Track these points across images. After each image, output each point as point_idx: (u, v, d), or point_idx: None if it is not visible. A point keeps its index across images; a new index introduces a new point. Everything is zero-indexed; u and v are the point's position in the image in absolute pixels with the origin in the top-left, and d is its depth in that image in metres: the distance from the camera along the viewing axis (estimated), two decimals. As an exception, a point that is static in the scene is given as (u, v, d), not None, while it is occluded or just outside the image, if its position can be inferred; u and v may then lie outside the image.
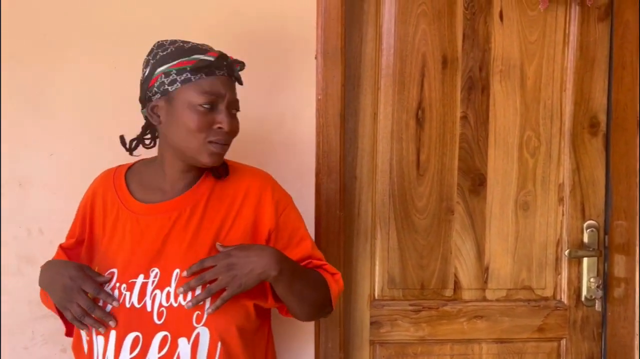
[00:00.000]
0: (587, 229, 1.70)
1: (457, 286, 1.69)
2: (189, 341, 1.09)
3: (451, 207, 1.68)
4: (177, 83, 1.11)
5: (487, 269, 1.70)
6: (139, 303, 1.10)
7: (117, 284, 1.12)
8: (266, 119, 1.52)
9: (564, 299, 1.71)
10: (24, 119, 1.49)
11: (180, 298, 1.09)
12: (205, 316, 1.10)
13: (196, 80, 1.11)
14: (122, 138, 1.26)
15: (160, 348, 1.09)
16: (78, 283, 1.09)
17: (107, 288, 1.13)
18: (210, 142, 1.12)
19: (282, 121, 1.54)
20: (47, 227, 1.49)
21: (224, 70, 1.14)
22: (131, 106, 1.49)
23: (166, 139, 1.16)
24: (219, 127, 1.12)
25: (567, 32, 1.67)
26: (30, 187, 1.49)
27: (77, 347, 1.21)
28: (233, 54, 1.21)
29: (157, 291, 1.11)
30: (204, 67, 1.11)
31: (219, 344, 1.11)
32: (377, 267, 1.67)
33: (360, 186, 1.66)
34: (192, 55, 1.12)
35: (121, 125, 1.49)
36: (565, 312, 1.71)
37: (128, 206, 1.18)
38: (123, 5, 1.49)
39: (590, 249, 1.69)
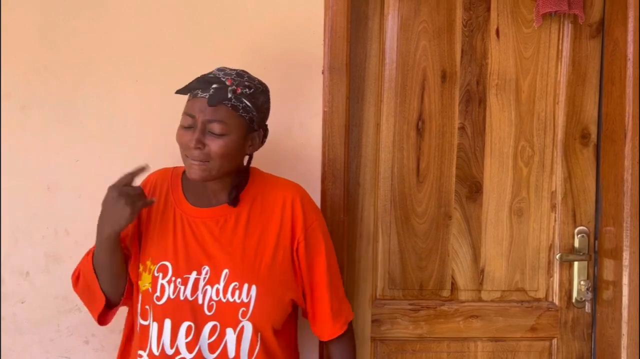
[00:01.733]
0: (577, 234, 1.78)
1: (454, 287, 1.78)
2: (234, 331, 1.24)
3: (449, 213, 1.77)
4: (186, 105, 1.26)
5: (482, 271, 1.78)
6: (191, 296, 1.24)
7: (173, 278, 1.24)
8: (276, 129, 1.61)
9: (556, 300, 1.79)
10: (52, 127, 1.59)
11: (229, 294, 1.23)
12: (249, 312, 1.24)
13: (187, 101, 1.25)
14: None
15: (211, 335, 1.24)
16: (117, 184, 1.21)
17: (164, 281, 1.24)
18: (186, 156, 1.22)
19: (291, 131, 1.64)
20: (73, 229, 1.59)
21: (206, 93, 1.20)
22: (150, 116, 1.61)
23: None
24: (189, 145, 1.21)
25: (560, 48, 1.76)
26: (57, 190, 1.60)
27: (130, 333, 1.35)
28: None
29: (208, 287, 1.24)
30: (185, 88, 1.23)
31: (259, 336, 1.27)
32: (378, 269, 1.76)
33: (363, 192, 1.75)
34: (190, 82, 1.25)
35: (141, 134, 1.62)
36: (557, 313, 1.79)
37: (181, 207, 1.29)
38: (144, 25, 1.60)
39: (581, 253, 1.77)
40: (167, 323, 1.24)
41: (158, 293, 1.24)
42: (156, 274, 1.25)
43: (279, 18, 1.61)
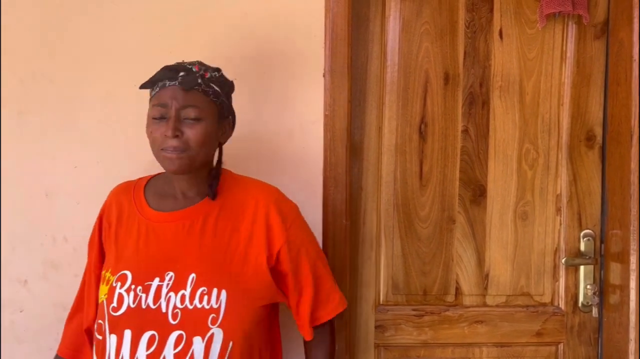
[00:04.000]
0: (583, 238, 1.76)
1: (458, 292, 1.76)
2: (203, 339, 1.16)
3: (453, 217, 1.75)
4: (151, 99, 1.24)
5: (487, 276, 1.76)
6: (154, 304, 1.17)
7: (133, 286, 1.18)
8: (277, 134, 1.60)
9: (562, 305, 1.77)
10: (51, 133, 1.57)
11: (197, 300, 1.16)
12: (220, 318, 1.17)
13: (153, 95, 1.22)
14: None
15: (176, 346, 1.16)
16: None
17: (122, 290, 1.19)
18: (162, 149, 1.19)
19: (292, 135, 1.62)
20: (71, 235, 1.57)
21: (175, 81, 1.18)
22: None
23: None
24: (165, 136, 1.18)
25: (564, 49, 1.74)
26: (56, 197, 1.58)
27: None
28: (247, 73, 1.29)
29: (172, 294, 1.17)
30: (149, 81, 1.21)
31: (230, 343, 1.18)
32: (381, 274, 1.74)
33: (365, 196, 1.73)
34: (157, 73, 1.22)
35: (140, 140, 1.59)
36: (563, 318, 1.77)
37: (144, 214, 1.26)
38: (143, 28, 1.58)
39: (587, 257, 1.75)
40: (127, 334, 1.16)
41: (115, 303, 1.18)
42: (114, 285, 1.20)
43: (279, 21, 1.59)
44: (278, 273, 1.27)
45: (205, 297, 1.17)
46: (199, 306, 1.17)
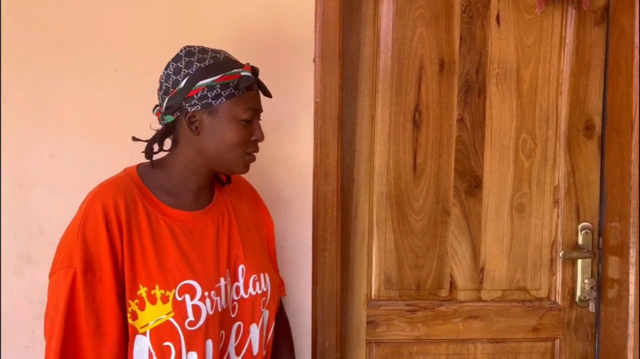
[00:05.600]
0: (581, 230, 1.72)
1: (452, 286, 1.71)
2: (258, 325, 1.20)
3: (447, 209, 1.69)
4: (222, 98, 1.10)
5: (482, 269, 1.71)
6: (225, 304, 1.15)
7: (206, 294, 1.10)
8: (265, 121, 1.51)
9: (559, 300, 1.73)
10: (25, 121, 1.50)
11: (250, 288, 1.18)
12: (268, 300, 1.22)
13: (239, 95, 1.11)
14: (135, 139, 1.20)
15: (236, 338, 1.18)
16: None
17: (196, 301, 1.09)
18: (247, 153, 1.16)
19: (280, 124, 1.56)
20: (47, 228, 1.50)
21: (257, 84, 1.16)
22: (130, 108, 1.52)
23: (199, 148, 1.13)
24: (255, 139, 1.15)
25: (563, 35, 1.69)
26: (31, 187, 1.51)
27: None
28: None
29: (229, 288, 1.17)
30: (246, 83, 1.11)
31: (273, 323, 1.26)
32: (373, 268, 1.69)
33: (357, 187, 1.67)
34: (233, 69, 1.11)
35: (120, 127, 1.52)
36: (560, 312, 1.73)
37: (169, 215, 1.12)
38: (123, 10, 1.50)
39: (585, 250, 1.71)
40: (209, 345, 1.10)
41: (192, 317, 1.08)
42: (179, 299, 1.07)
43: (268, 3, 1.53)
44: None
45: (257, 283, 1.20)
46: (253, 293, 1.19)
